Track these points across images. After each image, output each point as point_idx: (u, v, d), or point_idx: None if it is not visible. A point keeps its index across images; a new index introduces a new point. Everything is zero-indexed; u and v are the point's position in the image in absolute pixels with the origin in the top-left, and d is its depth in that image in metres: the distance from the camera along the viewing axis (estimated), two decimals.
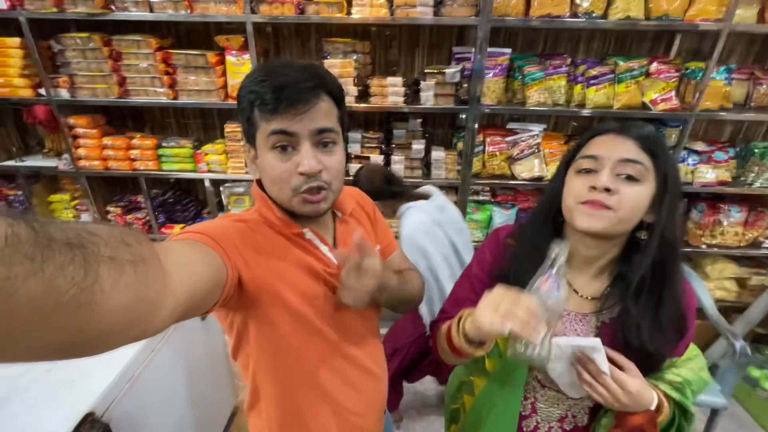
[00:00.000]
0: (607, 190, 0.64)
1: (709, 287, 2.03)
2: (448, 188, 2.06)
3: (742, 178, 1.92)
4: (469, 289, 0.83)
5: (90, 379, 1.03)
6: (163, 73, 1.84)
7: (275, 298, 0.64)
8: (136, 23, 1.82)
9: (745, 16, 1.63)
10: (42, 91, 1.88)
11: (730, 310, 2.10)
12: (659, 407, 0.67)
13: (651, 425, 0.65)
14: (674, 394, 0.70)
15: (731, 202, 1.97)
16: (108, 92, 1.88)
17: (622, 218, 0.65)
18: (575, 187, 0.68)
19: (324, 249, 0.70)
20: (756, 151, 1.88)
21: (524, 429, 0.81)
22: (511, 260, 0.76)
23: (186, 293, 0.44)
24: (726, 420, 1.79)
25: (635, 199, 0.64)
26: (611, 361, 0.64)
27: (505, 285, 0.63)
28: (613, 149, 0.66)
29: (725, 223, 1.97)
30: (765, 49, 1.90)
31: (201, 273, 0.50)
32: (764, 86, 1.79)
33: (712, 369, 2.07)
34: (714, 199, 2.02)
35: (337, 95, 0.63)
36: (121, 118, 2.22)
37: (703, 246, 2.01)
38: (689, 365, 0.73)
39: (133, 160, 2.04)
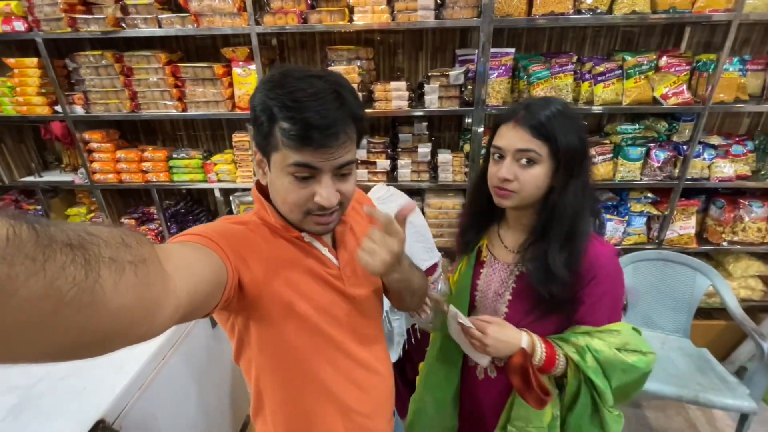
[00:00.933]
0: (507, 179, 0.79)
1: (732, 286, 1.94)
2: (456, 191, 2.04)
3: (763, 172, 1.85)
4: None
5: (101, 386, 1.04)
6: (172, 86, 1.89)
7: (276, 300, 0.63)
8: (146, 39, 1.87)
9: (757, 5, 1.58)
10: (58, 108, 1.95)
11: (757, 309, 2.02)
12: (533, 349, 0.80)
13: (527, 361, 0.78)
14: (573, 355, 0.79)
15: (752, 197, 1.89)
16: (120, 107, 1.94)
17: (525, 195, 0.80)
18: (490, 173, 0.84)
19: (324, 250, 0.69)
20: None
21: (469, 364, 0.98)
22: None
23: (187, 294, 0.43)
24: (757, 425, 1.70)
25: (533, 179, 0.78)
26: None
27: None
28: (511, 140, 0.79)
29: (746, 218, 1.90)
30: None
31: (201, 274, 0.50)
32: None
33: (740, 372, 1.98)
34: (733, 194, 1.95)
35: (360, 121, 0.62)
36: (134, 132, 2.28)
37: (724, 243, 1.93)
38: (604, 337, 0.80)
39: (145, 172, 2.08)
